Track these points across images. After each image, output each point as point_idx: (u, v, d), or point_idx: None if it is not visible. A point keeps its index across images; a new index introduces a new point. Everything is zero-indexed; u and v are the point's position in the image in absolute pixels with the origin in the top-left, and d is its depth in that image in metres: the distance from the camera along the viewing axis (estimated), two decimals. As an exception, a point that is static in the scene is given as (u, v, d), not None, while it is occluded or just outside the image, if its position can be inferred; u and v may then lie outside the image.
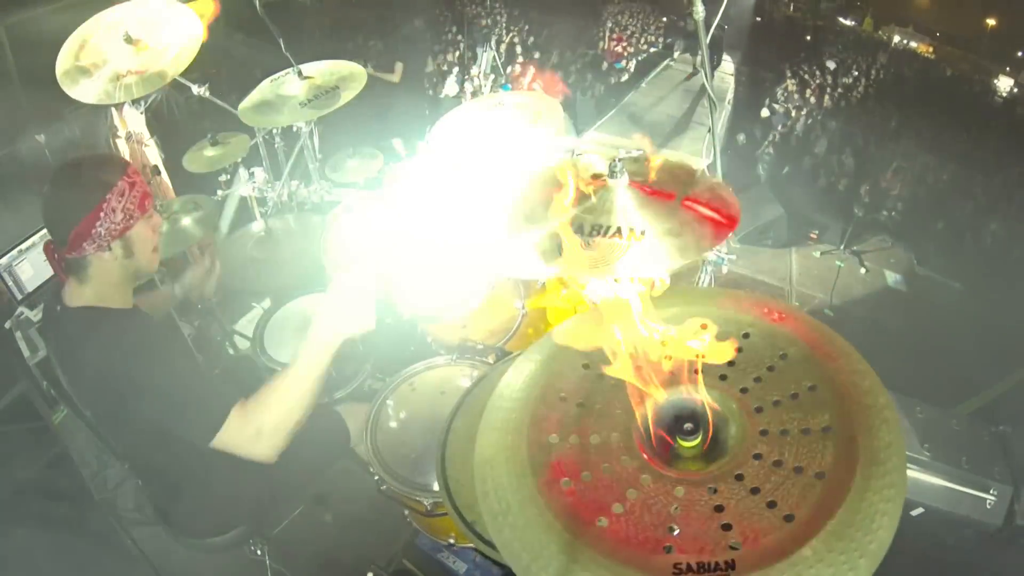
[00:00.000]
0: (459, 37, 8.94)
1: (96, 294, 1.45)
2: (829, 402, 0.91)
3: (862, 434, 0.85)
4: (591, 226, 1.25)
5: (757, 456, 0.87)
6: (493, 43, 8.22)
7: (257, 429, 1.38)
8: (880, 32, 15.14)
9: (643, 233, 1.20)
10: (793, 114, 7.96)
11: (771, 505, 0.80)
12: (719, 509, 0.82)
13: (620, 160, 1.33)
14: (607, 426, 0.98)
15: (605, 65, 9.01)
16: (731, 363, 1.01)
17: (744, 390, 0.97)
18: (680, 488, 0.87)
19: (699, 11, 1.90)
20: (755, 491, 0.82)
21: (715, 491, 0.85)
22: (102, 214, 1.37)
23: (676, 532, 0.81)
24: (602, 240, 1.22)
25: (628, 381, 0.95)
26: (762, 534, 0.77)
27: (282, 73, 2.72)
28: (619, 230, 1.22)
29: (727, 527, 0.79)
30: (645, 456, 0.93)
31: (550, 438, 0.97)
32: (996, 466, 2.13)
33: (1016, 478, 2.11)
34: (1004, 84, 12.92)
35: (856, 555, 0.72)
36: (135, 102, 2.93)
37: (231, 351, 2.67)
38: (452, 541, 1.85)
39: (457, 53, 8.53)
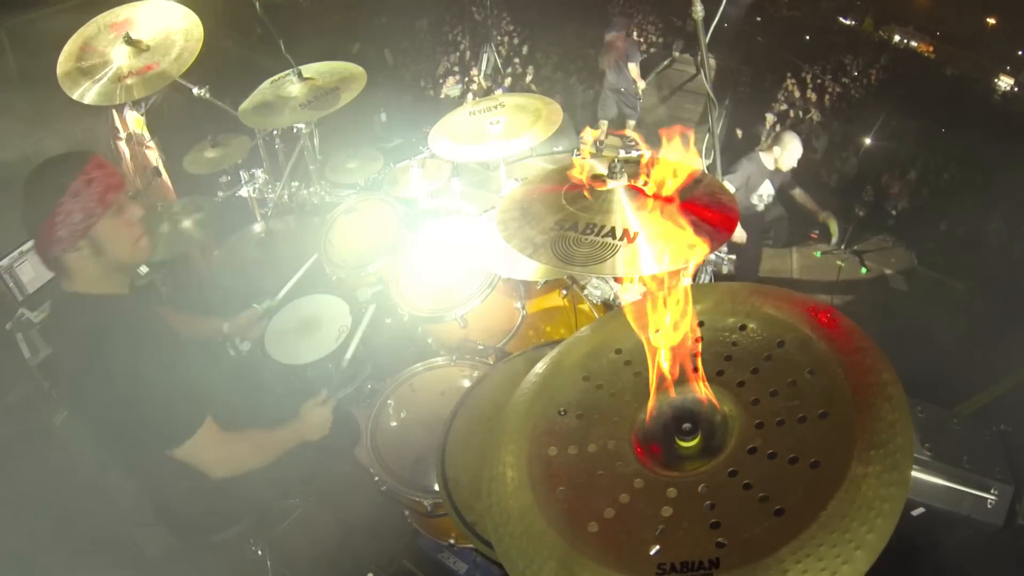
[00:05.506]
0: (460, 39, 8.94)
1: (83, 284, 1.48)
2: (828, 386, 0.87)
3: (861, 415, 0.80)
4: (585, 224, 1.26)
5: (752, 450, 0.85)
6: (494, 44, 8.22)
7: (228, 456, 1.55)
8: (880, 32, 15.10)
9: (636, 234, 1.20)
10: (793, 114, 7.94)
11: (763, 500, 0.78)
12: (710, 507, 0.81)
13: (619, 161, 1.33)
14: (604, 435, 0.99)
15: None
16: (728, 358, 1.00)
17: (741, 384, 0.96)
18: (672, 489, 0.86)
19: (698, 11, 1.90)
20: (747, 487, 0.81)
21: (707, 489, 0.84)
22: (58, 218, 1.38)
23: (664, 533, 0.81)
24: (593, 239, 1.22)
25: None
26: (749, 530, 0.75)
27: (282, 74, 2.72)
28: (612, 230, 1.22)
29: (716, 525, 0.78)
30: (641, 460, 0.93)
31: (549, 451, 0.99)
32: (997, 466, 2.12)
33: (1017, 478, 2.11)
34: (1005, 83, 12.89)
35: (852, 546, 0.68)
36: (135, 103, 2.94)
37: (231, 352, 2.67)
38: (452, 541, 1.85)
39: (457, 54, 8.52)
